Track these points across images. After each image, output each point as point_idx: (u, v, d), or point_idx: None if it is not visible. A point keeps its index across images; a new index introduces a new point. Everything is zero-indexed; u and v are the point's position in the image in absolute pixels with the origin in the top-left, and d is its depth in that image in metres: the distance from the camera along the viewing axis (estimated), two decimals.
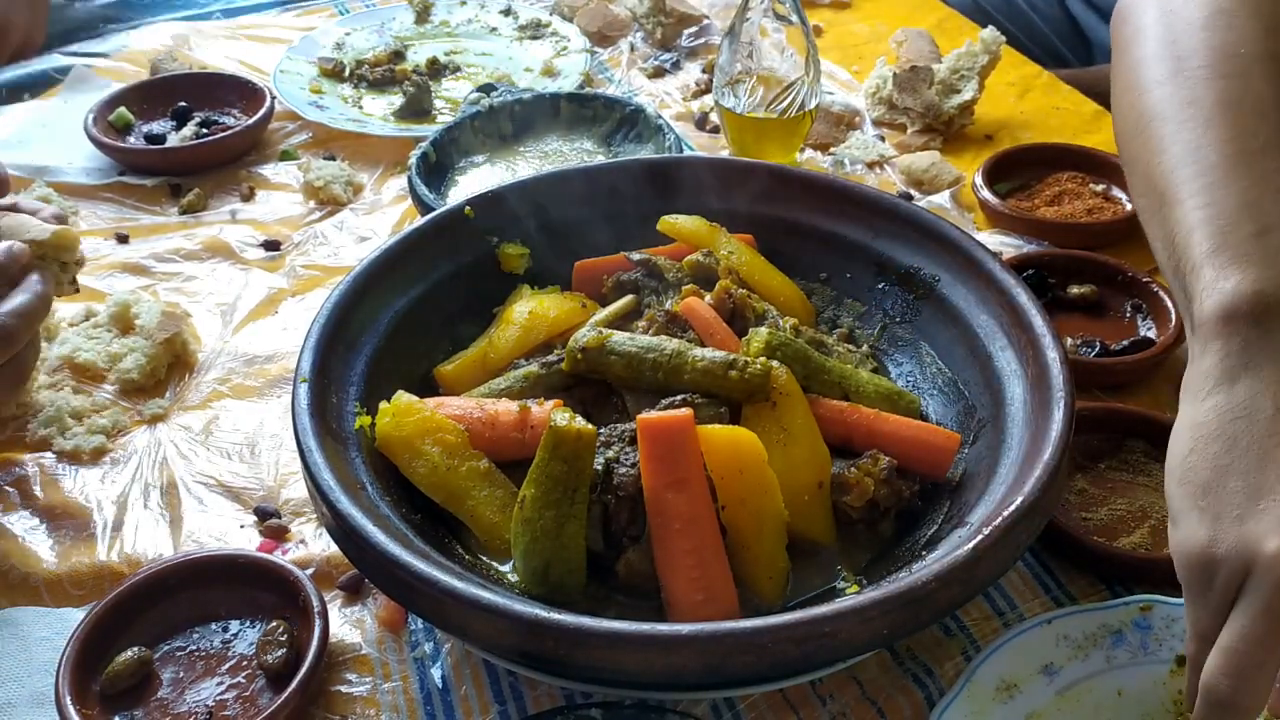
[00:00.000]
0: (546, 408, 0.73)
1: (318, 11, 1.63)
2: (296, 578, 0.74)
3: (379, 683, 0.73)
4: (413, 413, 0.73)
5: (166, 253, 1.14)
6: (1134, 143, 0.79)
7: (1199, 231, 0.67)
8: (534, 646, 0.58)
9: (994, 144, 1.27)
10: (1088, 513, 0.80)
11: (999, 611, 0.75)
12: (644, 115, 1.18)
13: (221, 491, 0.87)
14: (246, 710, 0.69)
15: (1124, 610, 0.70)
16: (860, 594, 0.59)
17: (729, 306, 0.80)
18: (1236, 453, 0.59)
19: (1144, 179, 0.76)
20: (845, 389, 0.76)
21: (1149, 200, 0.75)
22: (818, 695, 0.71)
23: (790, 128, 1.14)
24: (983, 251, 0.82)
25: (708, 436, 0.66)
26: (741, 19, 1.11)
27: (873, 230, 0.88)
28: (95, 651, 0.71)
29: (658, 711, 0.64)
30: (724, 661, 0.57)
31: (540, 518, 0.66)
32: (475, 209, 0.88)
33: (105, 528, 0.84)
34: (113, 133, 1.28)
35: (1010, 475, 0.68)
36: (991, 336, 0.78)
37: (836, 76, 1.42)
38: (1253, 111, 0.72)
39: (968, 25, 1.52)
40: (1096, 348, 0.93)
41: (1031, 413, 0.71)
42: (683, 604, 0.66)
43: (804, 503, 0.70)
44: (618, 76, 1.44)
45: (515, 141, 1.21)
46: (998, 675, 0.67)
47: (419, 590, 0.60)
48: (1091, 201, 1.12)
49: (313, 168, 1.22)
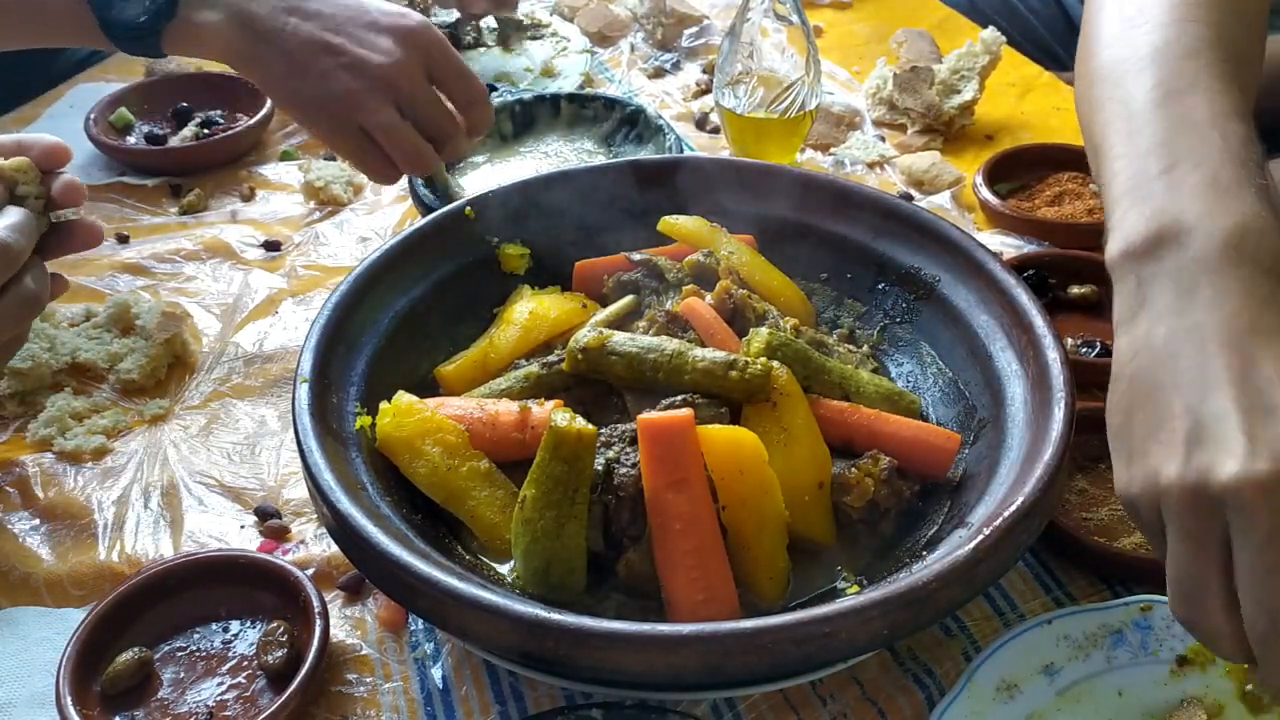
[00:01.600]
0: (547, 408, 0.73)
1: None
2: (297, 578, 0.74)
3: (379, 683, 0.73)
4: (413, 413, 0.73)
5: (167, 253, 1.14)
6: (1081, 108, 0.78)
7: (1115, 180, 0.67)
8: (534, 647, 0.58)
9: (994, 144, 1.27)
10: (1088, 513, 0.80)
11: (999, 611, 0.75)
12: (644, 115, 1.18)
13: (222, 492, 0.87)
14: (247, 710, 0.69)
15: (1124, 610, 0.70)
16: (861, 594, 0.59)
17: (729, 307, 0.80)
18: (1137, 390, 0.59)
19: (1088, 142, 0.75)
20: (846, 389, 0.76)
21: (1091, 162, 0.73)
22: (818, 695, 0.71)
23: (791, 128, 1.14)
24: (983, 252, 0.82)
25: (708, 437, 0.66)
26: (742, 19, 1.11)
27: (873, 230, 0.88)
28: (96, 652, 0.71)
29: (658, 712, 0.64)
30: (724, 662, 0.57)
31: (541, 518, 0.66)
32: (475, 209, 0.88)
33: (106, 528, 0.84)
34: (113, 133, 1.28)
35: (1011, 475, 0.68)
36: (992, 337, 0.78)
37: (837, 77, 1.42)
38: (1184, 53, 0.70)
39: (968, 25, 1.52)
40: (1097, 348, 0.93)
41: (1032, 413, 0.71)
42: (683, 604, 0.66)
43: (804, 503, 0.70)
44: (618, 77, 1.44)
45: (515, 142, 1.21)
46: (998, 675, 0.67)
47: (419, 590, 0.60)
48: (1092, 202, 1.12)
49: (313, 168, 1.22)
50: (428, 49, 0.97)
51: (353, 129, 0.95)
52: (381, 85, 0.94)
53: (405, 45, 0.96)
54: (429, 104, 0.98)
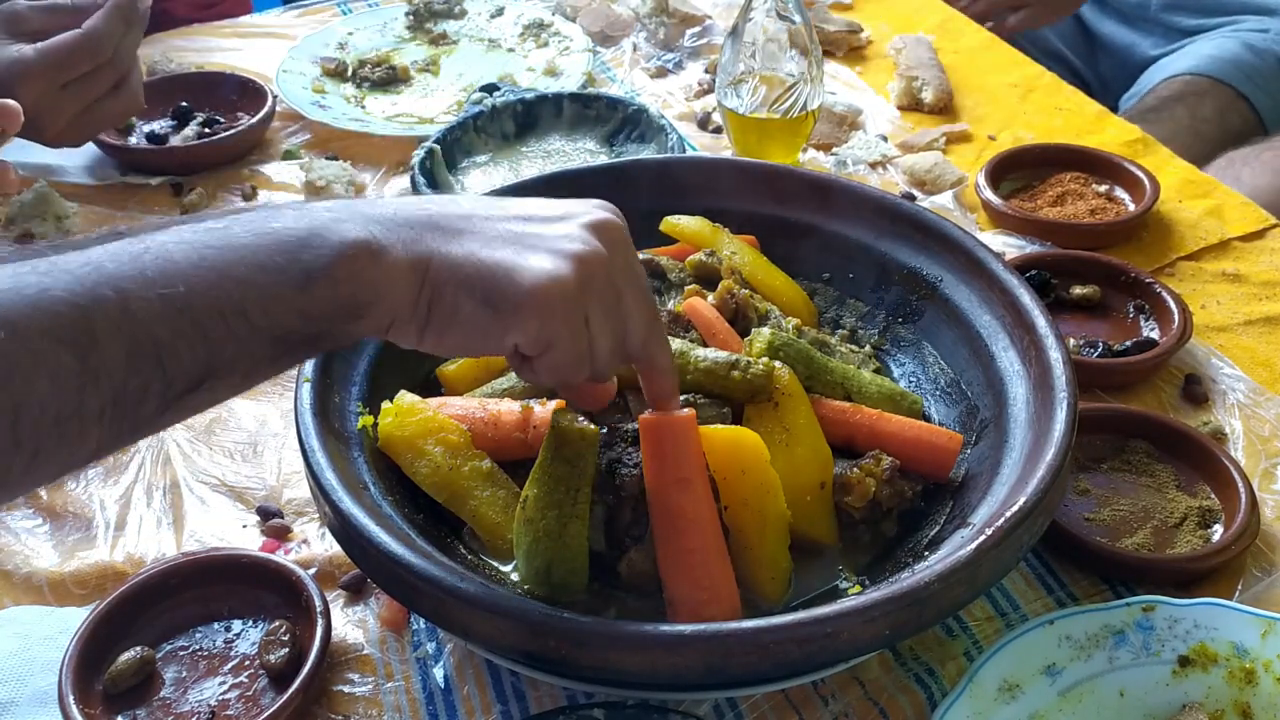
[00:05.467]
0: (549, 408, 0.73)
1: (320, 11, 1.63)
2: (299, 577, 0.74)
3: (381, 682, 0.73)
4: (415, 413, 0.73)
5: None
6: None
7: None
8: (536, 647, 0.58)
9: (996, 144, 1.26)
10: (1090, 513, 0.80)
11: (1001, 612, 0.75)
12: (647, 115, 1.18)
13: (224, 491, 0.87)
14: (249, 710, 0.69)
15: (1126, 611, 0.70)
16: (862, 594, 0.59)
17: (731, 307, 0.80)
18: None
19: None
20: (848, 389, 0.76)
21: None
22: (820, 695, 0.71)
23: (793, 128, 1.14)
24: (985, 252, 0.82)
25: (710, 436, 0.66)
26: (744, 19, 1.11)
27: (875, 231, 0.88)
28: (98, 651, 0.71)
29: (660, 711, 0.64)
30: (726, 662, 0.57)
31: (543, 518, 0.66)
32: None
33: (108, 527, 0.84)
34: (114, 132, 1.28)
35: (1013, 476, 0.68)
36: (994, 337, 0.78)
37: (839, 76, 1.42)
38: None
39: (969, 27, 1.52)
40: (1099, 348, 0.93)
41: (1034, 413, 0.71)
42: (685, 604, 0.66)
43: (806, 503, 0.70)
44: (620, 76, 1.44)
45: (518, 141, 1.21)
46: (1000, 675, 0.67)
47: (421, 590, 0.60)
48: (1094, 202, 1.12)
49: (314, 167, 1.22)
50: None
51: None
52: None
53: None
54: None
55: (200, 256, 0.50)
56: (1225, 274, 1.06)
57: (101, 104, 1.11)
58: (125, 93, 1.13)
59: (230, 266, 0.50)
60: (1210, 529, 0.79)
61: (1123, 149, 1.22)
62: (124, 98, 1.13)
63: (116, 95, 1.12)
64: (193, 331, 0.49)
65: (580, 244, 0.58)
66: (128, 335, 0.47)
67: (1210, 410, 0.91)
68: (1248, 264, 1.07)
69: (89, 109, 1.11)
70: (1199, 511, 0.79)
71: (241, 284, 0.50)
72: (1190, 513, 0.80)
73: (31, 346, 0.45)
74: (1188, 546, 0.77)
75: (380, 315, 0.55)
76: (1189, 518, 0.79)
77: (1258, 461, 0.86)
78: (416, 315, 0.56)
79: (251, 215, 0.54)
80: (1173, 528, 0.79)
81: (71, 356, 0.46)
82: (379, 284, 0.54)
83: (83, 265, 0.48)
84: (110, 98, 1.12)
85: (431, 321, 0.56)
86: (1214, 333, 0.99)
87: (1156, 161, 1.20)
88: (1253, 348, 0.97)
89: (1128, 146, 1.24)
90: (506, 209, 0.61)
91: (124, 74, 1.12)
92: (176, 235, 0.51)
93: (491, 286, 0.56)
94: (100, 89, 1.10)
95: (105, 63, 1.08)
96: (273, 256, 0.51)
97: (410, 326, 0.57)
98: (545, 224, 0.60)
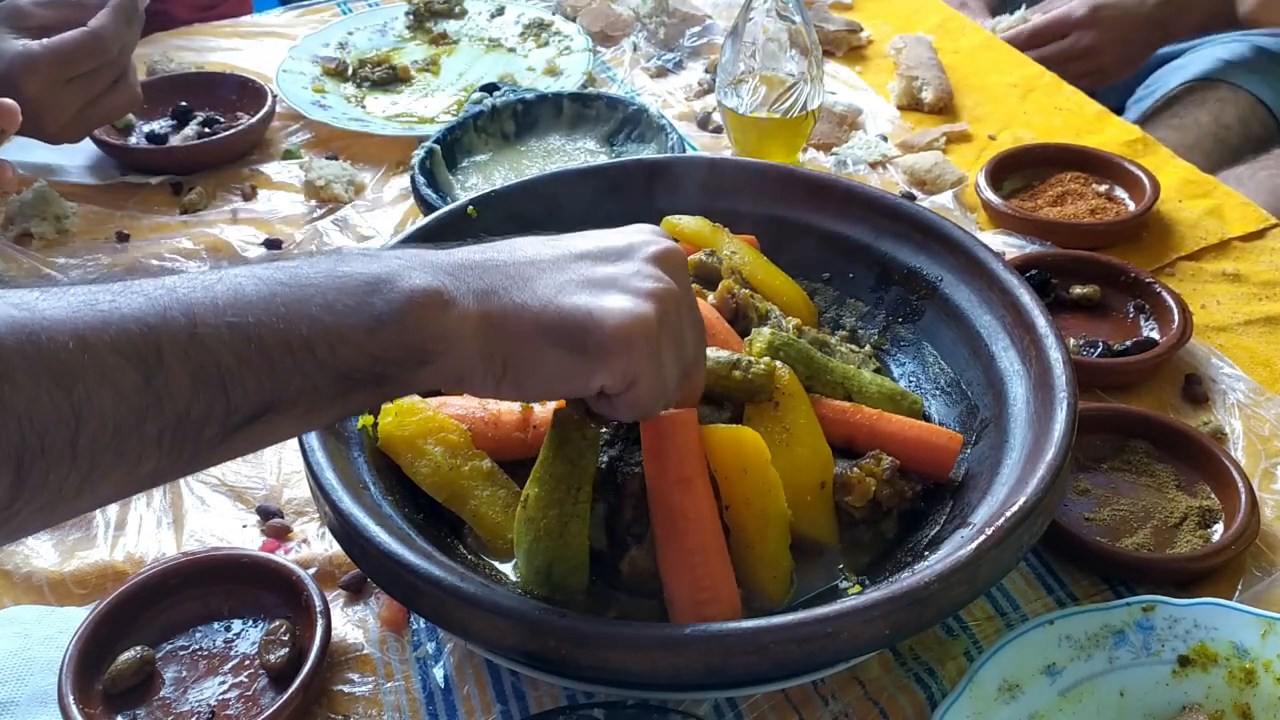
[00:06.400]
0: (549, 407, 0.73)
1: (320, 11, 1.63)
2: (299, 577, 0.74)
3: (381, 682, 0.73)
4: (415, 412, 0.73)
5: (168, 252, 1.14)
6: None
7: None
8: (536, 646, 0.58)
9: (996, 144, 1.26)
10: (1090, 513, 0.80)
11: (1001, 612, 0.75)
12: (646, 115, 1.18)
13: (224, 491, 0.87)
14: (249, 710, 0.69)
15: (1126, 610, 0.70)
16: (863, 594, 0.59)
17: (732, 306, 0.80)
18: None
19: None
20: (848, 389, 0.76)
21: None
22: (820, 695, 0.70)
23: (793, 128, 1.14)
24: (985, 252, 0.82)
25: (711, 436, 0.66)
26: (744, 19, 1.11)
27: (875, 230, 0.88)
28: (98, 650, 0.71)
29: (660, 711, 0.64)
30: (726, 661, 0.57)
31: (543, 517, 0.66)
32: (478, 208, 0.88)
33: (108, 527, 0.84)
34: (114, 132, 1.28)
35: (1013, 476, 0.68)
36: (994, 337, 0.78)
37: (839, 76, 1.42)
38: None
39: (970, 26, 1.52)
40: (1099, 348, 0.93)
41: (1034, 413, 0.71)
42: (685, 604, 0.66)
43: (807, 503, 0.70)
44: (620, 76, 1.44)
45: (518, 141, 1.21)
46: (1000, 675, 0.67)
47: (421, 590, 0.60)
48: (1094, 202, 1.12)
49: (314, 167, 1.22)
50: None
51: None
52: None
53: None
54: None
55: (271, 291, 0.51)
56: (1225, 274, 1.06)
57: (102, 100, 1.13)
58: (124, 88, 1.15)
59: (300, 304, 0.51)
60: (1210, 529, 0.79)
61: (1123, 149, 1.22)
62: (123, 93, 1.15)
63: (116, 91, 1.14)
64: (259, 360, 0.49)
65: (653, 281, 0.60)
66: (194, 358, 0.48)
67: (1210, 410, 0.91)
68: (1248, 264, 1.07)
69: (90, 104, 1.12)
70: (1199, 511, 0.80)
71: (310, 320, 0.51)
72: (1190, 513, 0.80)
73: (98, 360, 0.45)
74: (1188, 546, 0.77)
75: (448, 365, 0.55)
76: (1189, 518, 0.79)
77: (1258, 461, 0.86)
78: (491, 369, 0.57)
79: (321, 258, 0.55)
80: (1173, 528, 0.79)
81: (137, 373, 0.46)
82: (449, 334, 0.54)
83: (156, 289, 0.48)
84: (110, 93, 1.13)
85: (510, 372, 0.57)
86: (1214, 333, 0.99)
87: (1156, 161, 1.20)
88: (1253, 348, 0.97)
89: (1128, 146, 1.24)
90: (570, 248, 0.62)
91: (123, 70, 1.14)
92: (249, 270, 0.52)
93: (576, 333, 0.57)
94: (102, 85, 1.12)
95: (108, 60, 1.10)
96: (341, 298, 0.52)
97: (486, 379, 0.57)
98: (614, 263, 0.61)
